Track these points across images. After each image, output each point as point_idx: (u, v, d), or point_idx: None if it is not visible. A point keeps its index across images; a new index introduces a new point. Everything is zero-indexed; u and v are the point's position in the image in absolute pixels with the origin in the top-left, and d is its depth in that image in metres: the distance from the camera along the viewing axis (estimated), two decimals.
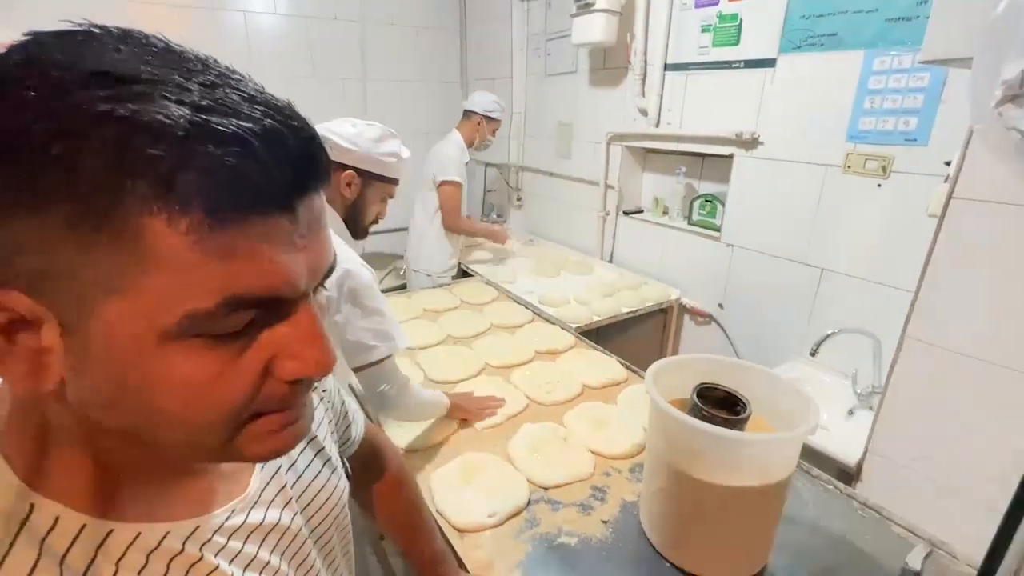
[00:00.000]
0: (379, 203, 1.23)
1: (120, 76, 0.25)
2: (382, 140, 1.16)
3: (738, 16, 1.73)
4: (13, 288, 0.25)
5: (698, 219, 2.08)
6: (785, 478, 0.80)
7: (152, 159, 0.24)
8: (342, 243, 1.07)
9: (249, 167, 0.26)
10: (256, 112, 0.28)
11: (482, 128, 2.37)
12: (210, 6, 2.68)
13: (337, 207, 1.16)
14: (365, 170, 1.15)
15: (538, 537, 0.94)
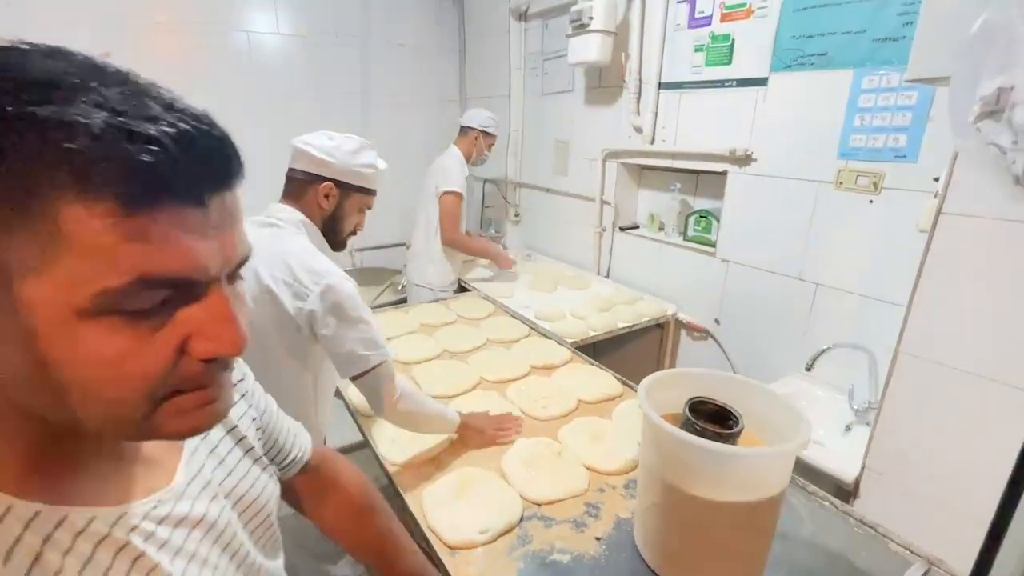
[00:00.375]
0: (357, 214, 1.23)
1: (44, 83, 0.28)
2: (359, 152, 1.17)
3: (730, 36, 1.76)
4: None
5: (693, 235, 2.09)
6: (778, 493, 0.80)
7: (69, 153, 0.27)
8: (321, 256, 1.08)
9: (160, 163, 0.29)
10: (171, 117, 0.30)
11: (479, 143, 2.40)
12: (214, 27, 2.73)
13: (315, 219, 1.16)
14: (343, 181, 1.15)
15: (530, 554, 0.93)
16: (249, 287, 1.03)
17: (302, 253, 1.07)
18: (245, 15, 2.80)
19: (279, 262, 1.05)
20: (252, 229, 1.08)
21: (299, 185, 1.15)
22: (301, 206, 1.15)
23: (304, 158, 1.13)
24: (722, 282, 1.94)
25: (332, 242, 1.21)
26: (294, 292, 1.04)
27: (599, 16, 2.02)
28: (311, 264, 1.05)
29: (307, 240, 1.12)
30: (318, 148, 1.12)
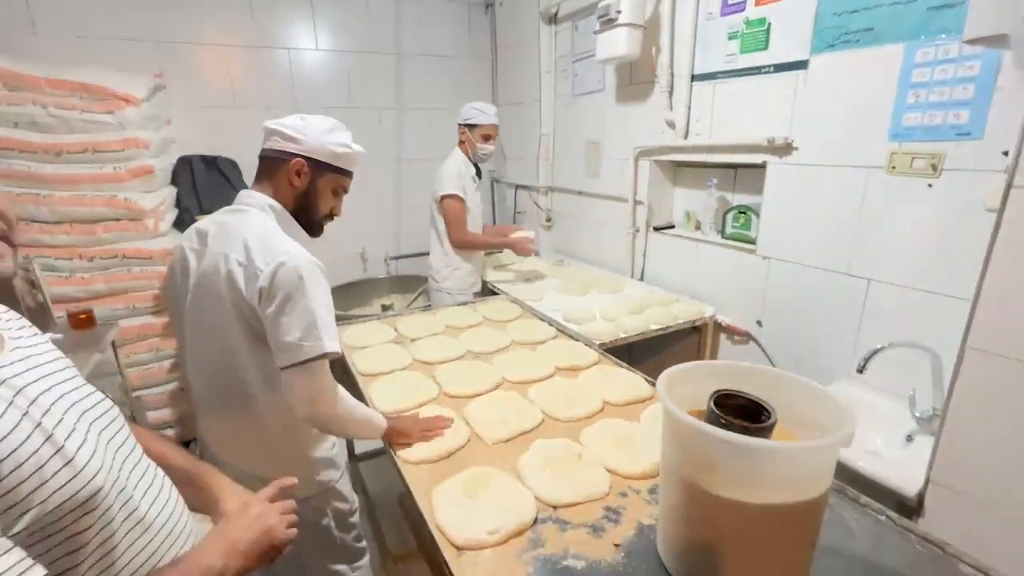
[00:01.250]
0: (332, 197, 1.19)
1: None
2: (332, 131, 1.14)
3: (766, 20, 1.67)
4: None
5: (732, 232, 1.97)
6: (817, 496, 0.70)
7: None
8: (283, 236, 1.04)
9: None
10: None
11: (467, 137, 2.31)
12: (259, 45, 2.88)
13: (286, 200, 1.12)
14: (315, 159, 1.11)
15: (542, 559, 0.86)
16: (210, 277, 1.01)
17: (262, 234, 1.03)
18: (287, 34, 2.93)
19: (237, 245, 1.02)
20: (219, 217, 1.09)
21: (269, 164, 1.12)
22: (271, 188, 1.12)
23: (275, 137, 1.10)
24: (764, 281, 1.82)
25: (306, 224, 1.17)
26: (247, 274, 0.99)
27: (626, 10, 1.97)
28: (269, 243, 1.01)
29: (272, 222, 1.08)
30: (288, 126, 1.10)
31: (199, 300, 1.08)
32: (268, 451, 1.16)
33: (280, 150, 1.10)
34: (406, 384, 1.45)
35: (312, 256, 1.03)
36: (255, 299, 0.99)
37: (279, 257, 0.98)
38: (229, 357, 1.08)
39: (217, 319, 1.05)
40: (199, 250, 1.09)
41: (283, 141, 1.10)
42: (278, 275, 0.97)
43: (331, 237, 1.31)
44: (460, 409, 1.32)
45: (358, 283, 3.24)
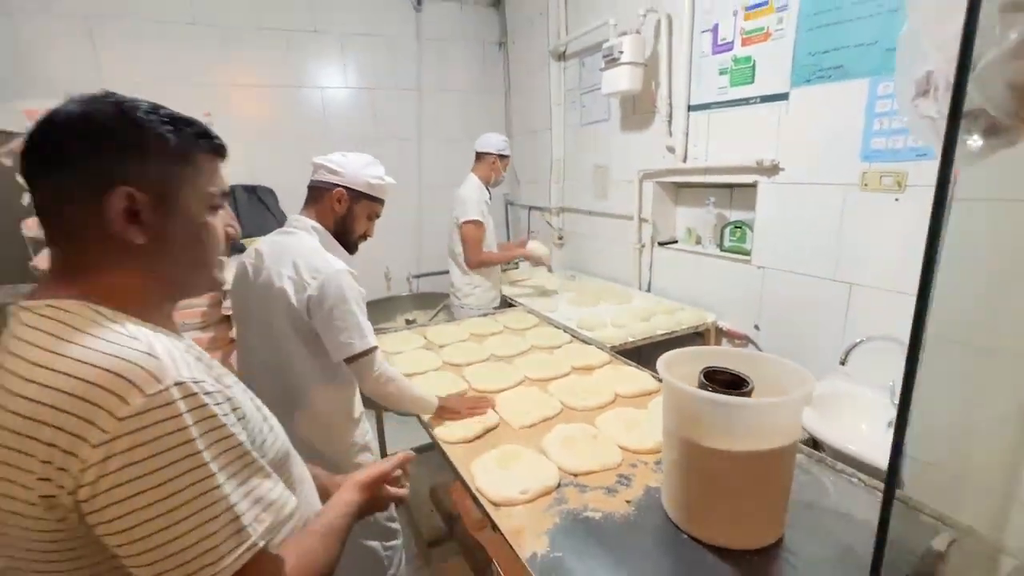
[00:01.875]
0: (366, 221, 1.39)
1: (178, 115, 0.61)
2: (368, 165, 1.35)
3: (751, 58, 1.90)
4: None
5: (729, 245, 2.16)
6: (787, 445, 0.88)
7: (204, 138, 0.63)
8: (326, 254, 1.26)
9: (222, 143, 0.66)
10: (212, 129, 0.66)
11: (496, 166, 2.52)
12: (294, 85, 3.18)
13: (328, 223, 1.34)
14: (353, 188, 1.32)
15: (565, 511, 1.04)
16: (267, 290, 1.22)
17: (307, 252, 1.24)
18: (319, 74, 3.23)
19: (288, 262, 1.22)
20: (273, 238, 1.33)
21: (316, 193, 1.34)
22: (316, 213, 1.34)
23: (322, 170, 1.33)
24: (759, 289, 2.00)
25: (344, 244, 1.38)
26: (296, 286, 1.20)
27: (628, 51, 2.21)
28: (313, 261, 1.22)
29: (316, 242, 1.29)
30: (332, 161, 1.32)
31: (259, 310, 1.27)
32: (316, 436, 1.32)
33: (324, 181, 1.33)
34: (439, 382, 1.63)
35: (346, 266, 1.25)
36: (304, 307, 1.20)
37: (323, 272, 1.20)
38: (284, 356, 1.27)
39: (274, 325, 1.25)
40: (256, 266, 1.29)
41: (327, 173, 1.32)
42: (323, 287, 1.19)
43: (358, 256, 1.49)
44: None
45: (383, 300, 3.46)
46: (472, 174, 2.56)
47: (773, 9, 1.79)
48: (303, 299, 1.20)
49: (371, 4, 3.27)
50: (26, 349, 0.50)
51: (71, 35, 2.65)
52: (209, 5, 2.89)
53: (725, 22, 1.98)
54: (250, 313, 1.31)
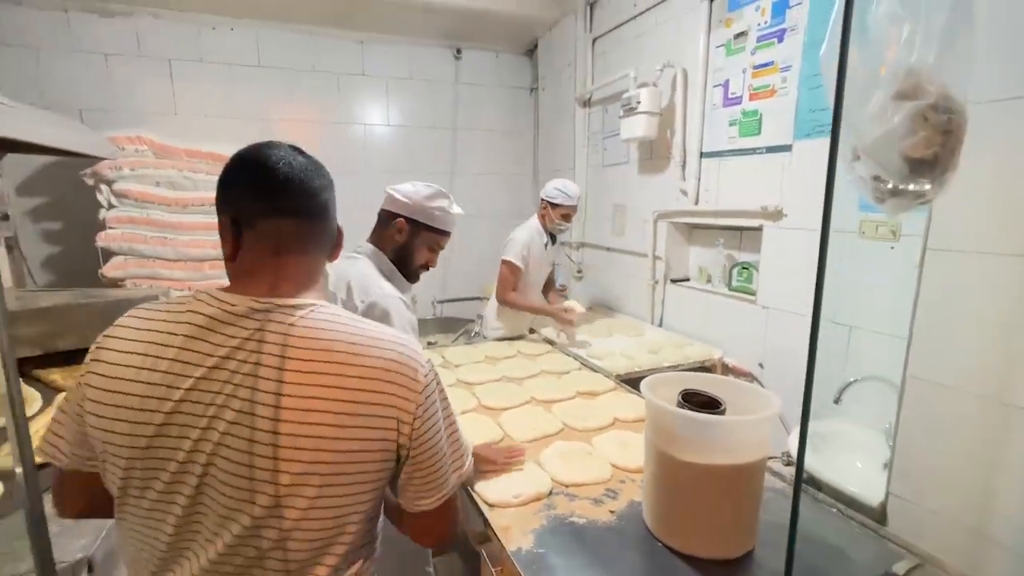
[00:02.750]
0: (428, 252, 1.40)
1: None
2: (433, 197, 1.36)
3: (758, 112, 2.04)
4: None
5: (737, 285, 2.25)
6: (755, 460, 0.97)
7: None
8: (380, 279, 1.27)
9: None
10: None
11: (548, 212, 2.45)
12: (341, 121, 3.49)
13: (387, 250, 1.37)
14: (414, 219, 1.35)
15: (553, 516, 1.14)
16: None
17: (361, 276, 1.26)
18: (364, 112, 3.54)
19: (344, 285, 1.26)
20: (337, 262, 1.35)
21: (382, 221, 1.39)
22: (379, 239, 1.38)
23: (389, 200, 1.38)
24: (764, 327, 2.07)
25: (404, 273, 1.39)
26: (347, 308, 1.19)
27: (645, 101, 2.39)
28: (365, 284, 1.24)
29: (374, 268, 1.32)
30: (399, 191, 1.36)
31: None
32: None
33: (389, 210, 1.37)
34: (451, 397, 1.76)
35: (399, 293, 1.26)
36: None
37: (371, 296, 1.22)
38: None
39: None
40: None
41: (393, 203, 1.36)
42: (369, 310, 1.20)
43: None
44: (495, 418, 1.62)
45: None
46: (533, 217, 2.55)
47: (778, 69, 1.93)
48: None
49: (416, 52, 3.59)
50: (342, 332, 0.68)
51: (155, 74, 3.02)
52: (273, 49, 3.25)
53: (735, 79, 2.13)
54: None
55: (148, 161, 2.64)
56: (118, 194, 2.59)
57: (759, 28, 2.01)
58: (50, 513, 0.69)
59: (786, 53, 1.91)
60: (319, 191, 0.75)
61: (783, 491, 1.26)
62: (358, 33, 3.40)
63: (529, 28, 3.53)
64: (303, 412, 0.62)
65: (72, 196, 2.84)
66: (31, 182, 2.90)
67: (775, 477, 1.32)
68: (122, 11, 2.91)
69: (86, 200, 2.68)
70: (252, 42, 3.20)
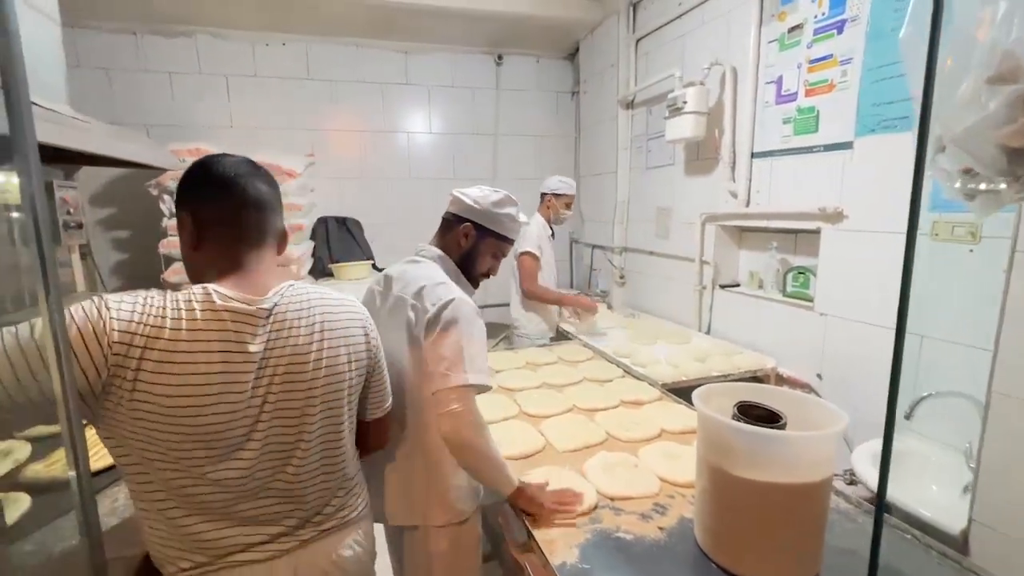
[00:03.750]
0: (491, 258, 1.36)
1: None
2: (501, 203, 1.31)
3: (815, 108, 1.93)
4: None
5: (792, 291, 2.13)
6: (820, 480, 0.90)
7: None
8: (449, 283, 1.21)
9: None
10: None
11: (552, 204, 2.71)
12: (385, 130, 3.56)
13: (453, 255, 1.32)
14: (481, 224, 1.30)
15: (598, 530, 1.10)
16: (393, 317, 1.23)
17: (432, 280, 1.20)
18: (407, 121, 3.61)
19: (414, 289, 1.19)
20: (402, 266, 1.34)
21: (447, 224, 1.33)
22: (444, 243, 1.32)
23: (456, 203, 1.32)
24: (822, 336, 1.95)
25: (468, 278, 1.34)
26: (418, 312, 1.16)
27: (692, 101, 2.31)
28: (436, 288, 1.17)
29: (441, 272, 1.26)
30: (467, 195, 1.30)
31: (384, 335, 1.14)
32: (417, 475, 1.21)
33: (456, 214, 1.31)
34: (492, 403, 1.74)
35: (471, 300, 1.19)
36: (422, 333, 1.14)
37: (443, 299, 1.14)
38: (402, 381, 1.19)
39: (396, 350, 1.19)
40: (383, 292, 1.28)
41: (460, 207, 1.30)
42: (440, 314, 1.12)
43: None
44: (536, 426, 1.59)
45: None
46: (536, 213, 2.77)
47: (837, 63, 1.83)
48: (422, 326, 1.14)
49: (458, 59, 3.63)
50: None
51: (213, 89, 3.19)
52: (321, 63, 3.36)
53: (789, 74, 2.03)
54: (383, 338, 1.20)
55: None
56: None
57: (816, 20, 1.91)
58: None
59: (846, 45, 1.80)
60: (267, 190, 0.90)
61: (847, 513, 1.17)
62: (402, 43, 3.48)
63: (570, 32, 3.51)
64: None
65: (138, 206, 3.02)
66: (102, 194, 3.11)
67: (838, 497, 1.22)
68: (184, 32, 3.09)
69: (150, 210, 2.85)
70: (302, 56, 3.32)
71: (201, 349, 0.75)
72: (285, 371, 0.83)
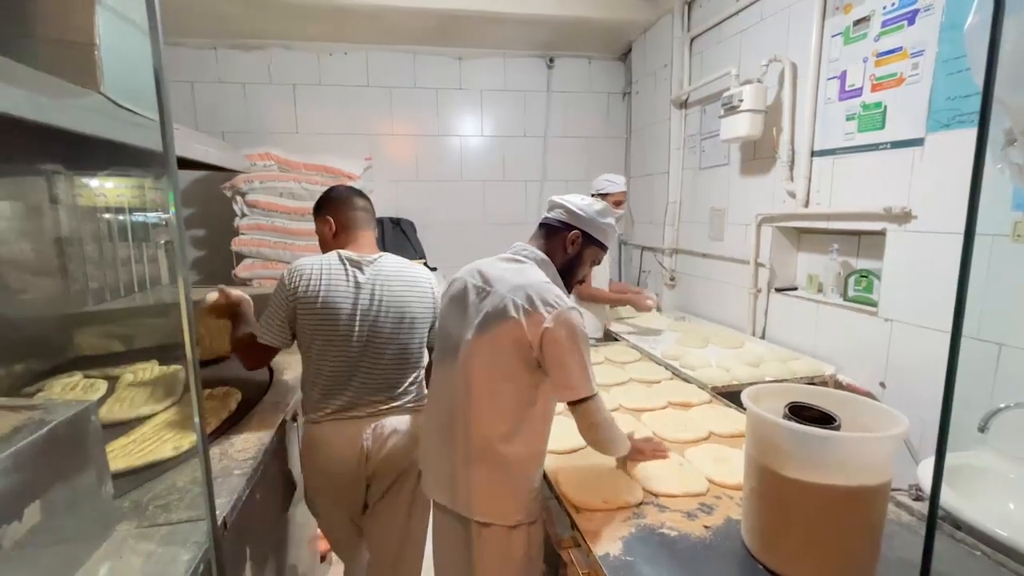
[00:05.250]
0: (589, 265, 1.36)
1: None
2: (603, 212, 1.33)
3: (882, 103, 1.84)
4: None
5: (854, 295, 2.04)
6: (875, 484, 0.87)
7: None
8: (557, 289, 1.20)
9: None
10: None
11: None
12: (438, 134, 3.68)
13: (556, 260, 1.30)
14: (587, 233, 1.30)
15: (642, 525, 1.11)
16: (495, 314, 1.17)
17: (541, 285, 1.18)
18: (459, 125, 3.71)
19: (522, 292, 1.15)
20: (499, 264, 1.31)
21: (551, 230, 1.32)
22: (546, 248, 1.31)
23: (559, 210, 1.31)
24: (886, 343, 1.85)
25: (565, 284, 1.32)
26: (530, 318, 1.12)
27: (748, 99, 2.26)
28: (547, 296, 1.14)
29: (545, 275, 1.24)
30: (573, 204, 1.31)
31: (482, 331, 1.18)
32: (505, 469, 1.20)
33: (562, 221, 1.30)
34: None
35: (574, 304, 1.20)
36: (537, 339, 1.11)
37: (558, 308, 1.13)
38: (497, 382, 1.18)
39: (495, 348, 1.16)
40: (481, 288, 1.23)
41: (565, 214, 1.30)
42: (559, 323, 1.11)
43: None
44: None
45: None
46: None
47: (907, 55, 1.74)
48: (537, 331, 1.12)
49: (510, 63, 3.70)
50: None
51: (281, 98, 3.41)
52: (381, 70, 3.52)
53: (854, 69, 1.94)
54: (459, 328, 1.24)
55: (273, 175, 2.98)
56: (249, 204, 2.95)
57: (885, 11, 1.82)
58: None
59: (918, 36, 1.71)
60: (364, 203, 1.59)
61: (910, 526, 1.12)
62: (456, 49, 3.58)
63: (623, 32, 3.50)
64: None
65: (213, 207, 3.28)
66: (185, 195, 3.39)
67: (901, 509, 1.17)
68: (258, 45, 3.33)
69: (224, 210, 3.08)
70: (362, 65, 3.49)
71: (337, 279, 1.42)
72: (380, 296, 1.44)
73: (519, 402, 1.19)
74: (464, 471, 1.20)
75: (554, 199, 1.35)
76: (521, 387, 1.18)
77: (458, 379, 1.22)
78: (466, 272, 1.32)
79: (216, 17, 3.01)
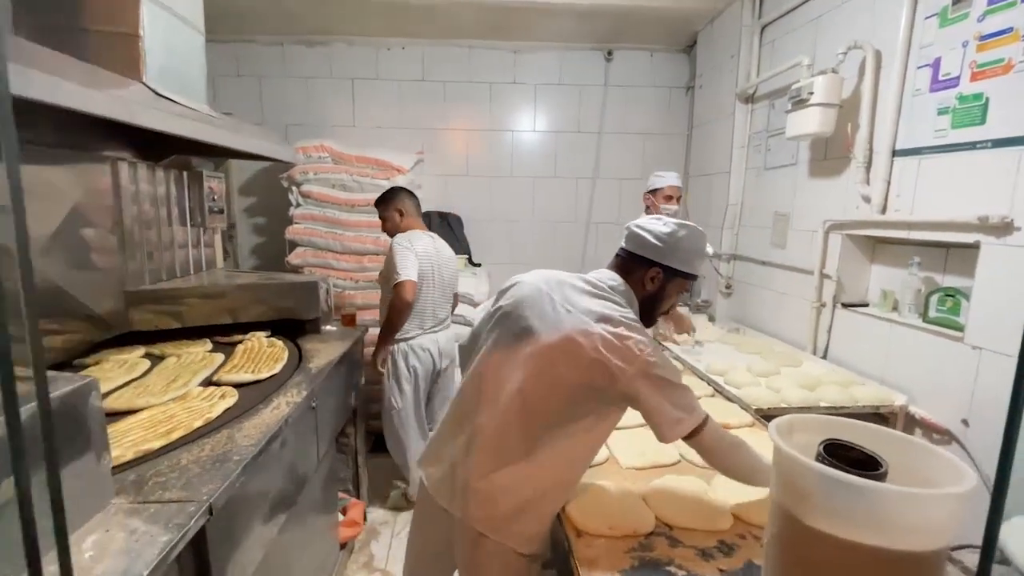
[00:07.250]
0: (673, 297, 1.23)
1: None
2: (690, 238, 1.17)
3: (983, 95, 1.57)
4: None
5: (936, 316, 1.77)
6: (929, 551, 0.72)
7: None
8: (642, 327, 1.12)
9: None
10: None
11: (652, 202, 2.58)
12: (490, 129, 3.65)
13: (637, 295, 1.19)
14: (670, 267, 1.16)
15: (647, 559, 1.00)
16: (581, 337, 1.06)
17: (629, 320, 1.09)
18: (512, 119, 3.65)
19: (608, 324, 1.06)
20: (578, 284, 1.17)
21: (629, 263, 1.20)
22: (628, 281, 1.19)
23: (639, 243, 1.18)
24: (973, 374, 1.59)
25: (646, 319, 1.21)
26: (621, 352, 1.03)
27: (820, 91, 2.02)
28: (635, 332, 1.07)
29: (629, 309, 1.15)
30: (652, 233, 1.16)
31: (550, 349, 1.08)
32: (534, 497, 1.10)
33: (642, 255, 1.18)
34: None
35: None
36: (624, 372, 1.02)
37: (648, 345, 1.05)
38: (555, 402, 1.08)
39: (564, 367, 1.07)
40: (553, 299, 1.13)
41: (643, 247, 1.17)
42: (649, 366, 1.03)
43: None
44: None
45: None
46: (643, 215, 2.56)
47: (1019, 37, 1.47)
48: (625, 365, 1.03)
49: (566, 56, 3.59)
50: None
51: (340, 92, 3.51)
52: (436, 65, 3.53)
53: (950, 55, 1.68)
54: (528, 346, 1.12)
55: (327, 167, 3.07)
56: (304, 194, 3.06)
57: None
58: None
59: None
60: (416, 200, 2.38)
61: None
62: (512, 43, 3.52)
63: (688, 22, 3.28)
64: None
65: (273, 197, 3.44)
66: (249, 185, 3.59)
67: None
68: (322, 41, 3.44)
69: (282, 200, 3.22)
70: (418, 60, 3.52)
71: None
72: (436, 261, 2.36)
73: (560, 420, 1.08)
74: (492, 491, 1.08)
75: (631, 227, 1.21)
76: (576, 406, 1.09)
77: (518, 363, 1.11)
78: (541, 278, 1.20)
79: (285, 15, 3.14)
